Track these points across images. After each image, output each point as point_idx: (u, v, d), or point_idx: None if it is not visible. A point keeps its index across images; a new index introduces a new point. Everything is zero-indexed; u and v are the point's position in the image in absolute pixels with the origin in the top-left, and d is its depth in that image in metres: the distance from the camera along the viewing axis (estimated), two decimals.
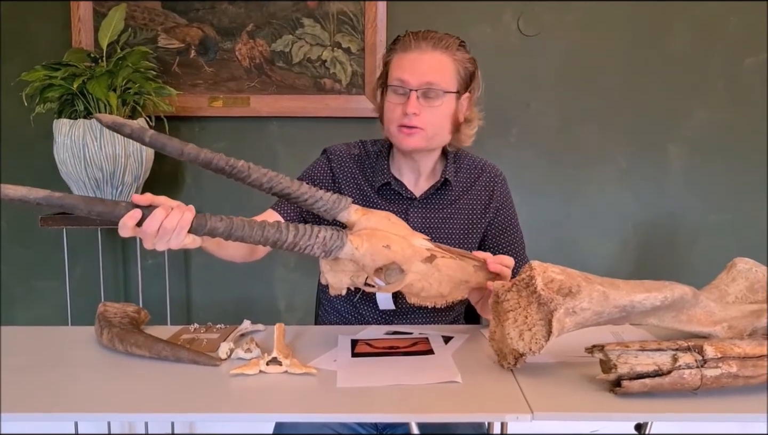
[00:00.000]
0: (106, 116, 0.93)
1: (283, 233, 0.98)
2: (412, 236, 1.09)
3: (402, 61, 1.32)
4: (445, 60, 1.32)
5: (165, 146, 0.95)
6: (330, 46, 2.28)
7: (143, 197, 0.95)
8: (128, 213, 0.92)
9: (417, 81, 1.30)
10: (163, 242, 0.95)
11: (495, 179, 1.47)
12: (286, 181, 1.02)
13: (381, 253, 1.02)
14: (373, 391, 0.96)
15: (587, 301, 0.98)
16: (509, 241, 1.47)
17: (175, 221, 0.93)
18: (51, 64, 1.95)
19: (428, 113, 1.31)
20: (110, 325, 1.16)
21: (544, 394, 0.95)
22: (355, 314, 1.45)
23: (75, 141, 1.94)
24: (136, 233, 0.95)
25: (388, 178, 1.41)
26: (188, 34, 2.28)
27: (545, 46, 2.31)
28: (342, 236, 1.00)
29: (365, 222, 1.05)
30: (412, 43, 1.32)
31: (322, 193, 1.04)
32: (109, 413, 0.91)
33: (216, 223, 0.95)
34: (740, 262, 1.26)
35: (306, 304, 2.42)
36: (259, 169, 1.00)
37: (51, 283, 2.39)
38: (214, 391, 0.97)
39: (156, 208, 0.94)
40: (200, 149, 0.97)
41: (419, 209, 1.42)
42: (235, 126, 2.35)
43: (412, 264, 1.05)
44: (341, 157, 1.46)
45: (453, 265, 1.12)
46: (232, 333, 1.24)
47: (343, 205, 1.06)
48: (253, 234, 0.96)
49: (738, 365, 0.93)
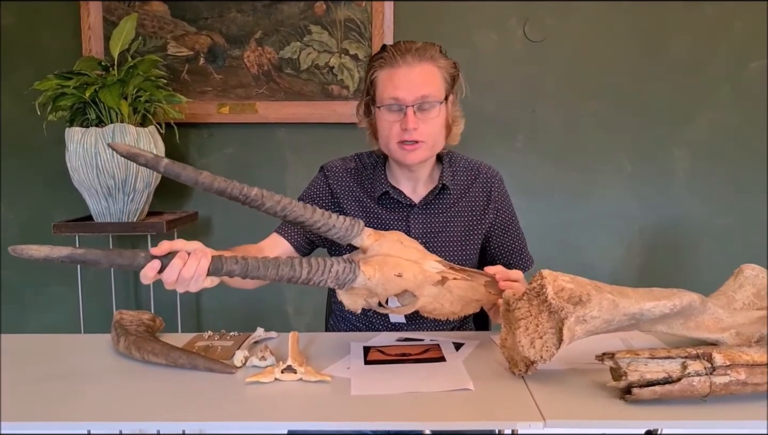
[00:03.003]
0: (121, 145, 0.94)
1: (296, 271, 1.00)
2: (424, 259, 1.11)
3: (392, 78, 1.32)
4: (433, 70, 1.33)
5: (179, 175, 0.97)
6: (337, 52, 2.30)
7: (160, 248, 0.96)
8: (148, 264, 0.94)
9: (412, 96, 1.31)
10: (182, 288, 0.98)
11: (492, 180, 1.48)
12: (299, 208, 1.04)
13: (393, 283, 1.05)
14: (387, 399, 0.97)
15: (597, 310, 0.99)
16: (512, 239, 1.50)
17: (193, 270, 0.96)
18: (63, 73, 1.98)
19: (426, 125, 1.33)
20: (127, 333, 1.18)
21: (555, 401, 0.96)
22: (367, 324, 1.48)
23: (87, 149, 1.97)
24: (157, 278, 0.97)
25: (386, 188, 1.42)
26: (197, 42, 2.30)
27: (551, 51, 2.32)
28: (354, 269, 1.02)
29: (378, 247, 1.08)
30: (398, 58, 1.31)
31: (335, 219, 1.06)
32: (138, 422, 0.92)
33: (232, 266, 0.98)
34: (747, 269, 1.27)
35: (314, 309, 2.44)
36: (273, 197, 1.02)
37: (63, 289, 2.42)
38: (230, 398, 0.99)
39: (173, 259, 0.95)
40: (214, 177, 0.98)
41: (419, 215, 1.44)
42: (243, 132, 2.37)
43: (424, 289, 1.08)
44: (338, 172, 1.47)
45: (464, 286, 1.15)
46: (246, 340, 1.26)
47: (356, 231, 1.08)
48: (268, 273, 0.99)
49: (747, 373, 0.94)
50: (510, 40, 2.32)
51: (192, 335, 1.30)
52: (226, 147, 2.38)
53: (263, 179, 2.38)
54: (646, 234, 2.41)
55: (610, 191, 2.39)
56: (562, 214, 2.40)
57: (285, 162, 2.39)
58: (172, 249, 0.97)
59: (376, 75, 1.35)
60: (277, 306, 2.45)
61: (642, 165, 2.38)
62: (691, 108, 2.35)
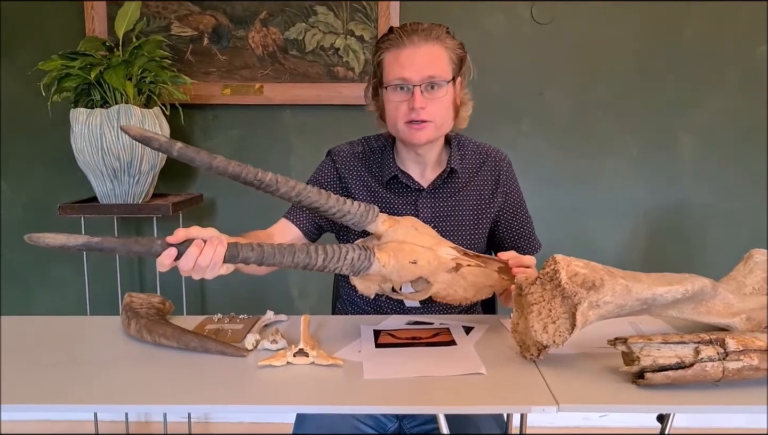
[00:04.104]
0: (134, 129, 0.92)
1: (312, 258, 1.00)
2: (439, 246, 1.11)
3: (398, 58, 1.32)
4: (439, 50, 1.33)
5: (193, 160, 0.96)
6: (343, 34, 2.28)
7: (176, 236, 0.96)
8: (164, 252, 0.94)
9: (418, 76, 1.30)
10: (198, 275, 0.98)
11: (500, 163, 1.48)
12: (314, 194, 1.03)
13: (408, 269, 1.05)
14: (400, 383, 0.97)
15: (610, 295, 0.99)
16: (520, 223, 1.50)
17: (209, 258, 0.96)
18: (67, 54, 1.96)
19: (433, 105, 1.32)
20: (138, 316, 1.18)
21: (568, 385, 0.96)
22: (375, 308, 1.48)
23: (92, 130, 1.95)
24: (173, 266, 0.97)
25: (394, 172, 1.42)
26: (201, 22, 2.28)
27: (558, 34, 2.30)
28: (369, 256, 1.02)
29: (392, 234, 1.08)
30: (404, 38, 1.31)
31: (350, 205, 1.06)
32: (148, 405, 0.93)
33: (248, 253, 0.98)
34: (757, 254, 1.27)
35: (319, 291, 2.44)
36: (288, 183, 1.01)
37: (68, 271, 2.42)
38: (243, 382, 0.99)
39: (190, 247, 0.95)
40: (229, 161, 0.97)
41: (428, 199, 1.43)
42: (248, 114, 2.35)
43: (438, 275, 1.08)
44: (345, 157, 1.47)
45: (478, 272, 1.15)
46: (256, 323, 1.26)
47: (371, 217, 1.08)
48: (284, 260, 0.99)
49: (759, 358, 0.95)
50: (518, 23, 2.30)
51: (201, 318, 1.30)
52: (231, 129, 2.37)
53: (268, 161, 2.37)
54: (652, 218, 2.41)
55: (617, 175, 2.39)
56: (569, 197, 2.40)
57: (290, 144, 2.38)
58: (187, 237, 0.96)
59: (383, 56, 1.35)
60: (282, 288, 2.46)
61: (649, 149, 2.37)
62: (699, 92, 2.33)
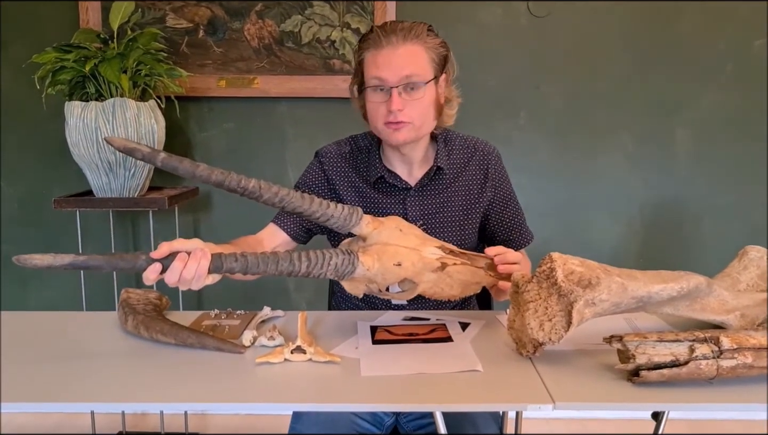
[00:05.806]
0: (118, 140, 0.94)
1: (296, 265, 1.02)
2: (423, 246, 1.12)
3: (376, 58, 1.31)
4: (418, 50, 1.31)
5: (177, 169, 0.97)
6: (339, 26, 2.27)
7: (160, 250, 0.98)
8: (149, 267, 0.97)
9: (395, 77, 1.29)
10: (184, 287, 1.00)
11: (488, 157, 1.47)
12: (297, 199, 1.04)
13: (392, 272, 1.07)
14: (397, 380, 0.98)
15: (606, 293, 1.00)
16: (511, 215, 1.50)
17: (193, 271, 0.98)
18: (62, 46, 1.94)
19: (412, 106, 1.31)
20: (135, 312, 1.19)
21: (564, 383, 0.97)
22: (369, 305, 1.49)
23: (87, 124, 1.94)
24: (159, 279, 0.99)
25: (381, 172, 1.42)
26: (197, 14, 2.27)
27: (555, 28, 2.30)
28: (353, 260, 1.04)
29: (377, 236, 1.09)
30: (382, 39, 1.30)
31: (333, 208, 1.06)
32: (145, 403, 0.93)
33: (231, 264, 1.00)
34: (752, 250, 1.27)
35: (315, 285, 2.44)
36: (270, 188, 1.02)
37: None
38: (240, 379, 0.99)
39: (174, 262, 0.97)
40: (212, 169, 0.99)
41: (416, 198, 1.43)
42: (244, 106, 2.35)
43: (423, 276, 1.10)
44: (332, 158, 1.47)
45: (463, 270, 1.16)
46: (253, 319, 1.26)
47: (355, 220, 1.08)
48: (268, 269, 1.02)
49: (753, 356, 0.95)
50: (515, 16, 2.29)
51: (198, 313, 1.30)
52: (227, 121, 2.36)
53: (264, 154, 2.37)
54: (648, 212, 2.41)
55: (613, 169, 2.39)
56: (564, 192, 2.40)
57: (286, 137, 2.37)
58: (171, 250, 0.98)
59: (363, 56, 1.34)
60: (278, 282, 2.46)
61: (645, 143, 2.37)
62: (695, 86, 2.33)
